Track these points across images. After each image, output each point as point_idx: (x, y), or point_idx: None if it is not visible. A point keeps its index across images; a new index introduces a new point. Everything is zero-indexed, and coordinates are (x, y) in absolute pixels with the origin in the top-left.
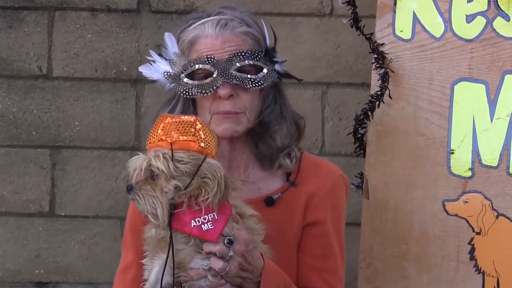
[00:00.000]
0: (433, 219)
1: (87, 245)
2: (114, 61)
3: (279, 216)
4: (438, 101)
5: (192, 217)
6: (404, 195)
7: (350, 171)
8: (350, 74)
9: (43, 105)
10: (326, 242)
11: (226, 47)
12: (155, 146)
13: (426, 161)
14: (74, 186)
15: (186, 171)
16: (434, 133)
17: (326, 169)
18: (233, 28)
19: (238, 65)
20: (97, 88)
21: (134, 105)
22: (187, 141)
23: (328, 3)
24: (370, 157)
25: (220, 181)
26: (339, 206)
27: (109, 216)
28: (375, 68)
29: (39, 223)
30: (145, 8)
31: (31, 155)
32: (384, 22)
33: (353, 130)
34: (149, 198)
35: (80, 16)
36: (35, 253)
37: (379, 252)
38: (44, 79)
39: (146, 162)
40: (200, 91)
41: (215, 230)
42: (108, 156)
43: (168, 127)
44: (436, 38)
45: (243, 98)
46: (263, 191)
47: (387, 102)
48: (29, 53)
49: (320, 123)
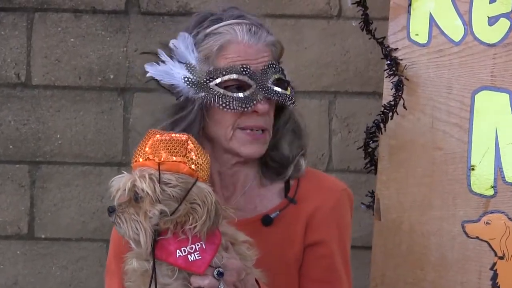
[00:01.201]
0: (451, 242)
1: (69, 270)
2: (100, 68)
3: (277, 237)
4: (457, 111)
5: (177, 246)
6: (420, 215)
7: (360, 189)
8: (360, 82)
9: (21, 116)
10: (330, 264)
11: (260, 57)
12: (141, 165)
13: (444, 178)
14: (55, 205)
15: (173, 195)
16: (452, 147)
17: (328, 184)
18: (265, 36)
19: (273, 78)
20: (81, 97)
21: (122, 116)
22: (176, 162)
23: (335, 3)
24: (382, 174)
25: (210, 208)
26: (344, 224)
27: (94, 239)
28: (388, 76)
29: (17, 246)
30: (134, 9)
31: (8, 171)
32: (397, 24)
33: (364, 144)
34: (131, 223)
35: (62, 18)
36: (12, 279)
37: (392, 279)
38: (23, 88)
39: (131, 183)
40: (241, 105)
41: (203, 261)
42: (93, 173)
43: (156, 145)
44: (455, 43)
45: (271, 115)
46: (260, 209)
47: (401, 113)
48: (6, 58)
49: (327, 136)
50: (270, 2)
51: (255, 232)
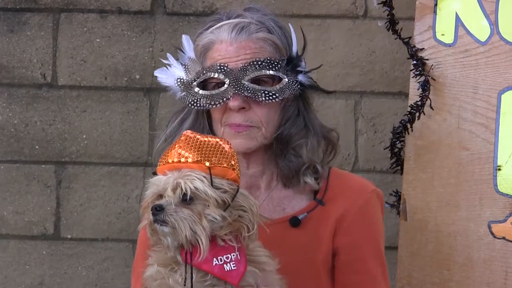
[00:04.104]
0: (478, 243)
1: (95, 271)
2: (126, 68)
3: (305, 238)
4: (483, 112)
5: (214, 253)
6: (446, 216)
7: (386, 189)
8: (386, 83)
9: (47, 117)
10: (362, 268)
11: (241, 54)
12: (185, 166)
13: (470, 178)
14: (81, 206)
15: (225, 201)
16: (479, 147)
17: (357, 185)
18: (250, 33)
19: (252, 76)
20: (106, 98)
21: (148, 117)
22: (226, 168)
23: (361, 3)
24: (409, 174)
25: (257, 216)
26: (375, 225)
27: (119, 239)
28: (414, 76)
29: (43, 246)
30: (160, 10)
31: (34, 171)
32: (423, 24)
33: (390, 144)
34: (187, 223)
35: (88, 19)
36: (38, 280)
37: (419, 279)
38: (49, 88)
39: (187, 183)
40: (209, 102)
41: (237, 272)
42: (118, 173)
43: (202, 147)
44: (481, 42)
45: (257, 111)
46: (288, 211)
47: (428, 113)
48: (32, 59)
49: (353, 136)
50: (295, 2)
51: (283, 233)
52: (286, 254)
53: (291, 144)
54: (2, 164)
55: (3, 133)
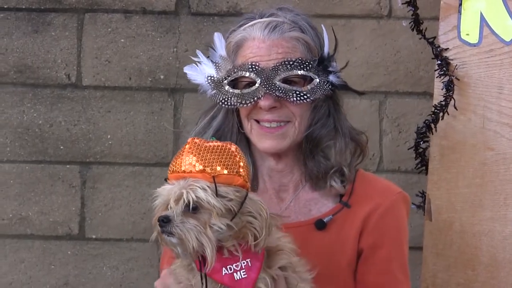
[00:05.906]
0: (503, 243)
1: (120, 271)
2: (150, 68)
3: (330, 241)
4: (508, 112)
5: (223, 263)
6: (471, 216)
7: (410, 189)
8: (410, 82)
9: (71, 117)
10: (386, 269)
11: (273, 53)
12: (190, 175)
13: (495, 178)
14: (106, 206)
15: (230, 209)
16: (504, 147)
17: (382, 187)
18: (283, 31)
19: (284, 76)
20: (131, 98)
21: (172, 117)
22: (231, 175)
23: (386, 3)
24: (433, 174)
25: (267, 221)
26: (400, 228)
27: (144, 239)
28: (439, 76)
29: (68, 247)
30: (184, 10)
31: (58, 172)
32: (448, 24)
33: (414, 145)
34: (194, 234)
35: (112, 19)
36: (63, 280)
37: (444, 279)
38: (73, 88)
39: (190, 193)
40: (240, 101)
41: (248, 281)
42: (143, 173)
43: (206, 155)
44: (506, 42)
45: (291, 108)
46: (314, 213)
47: (452, 113)
48: (56, 59)
49: (377, 136)
50: (320, 2)
51: (308, 236)
52: (311, 256)
53: (321, 146)
54: (27, 164)
55: (28, 133)
